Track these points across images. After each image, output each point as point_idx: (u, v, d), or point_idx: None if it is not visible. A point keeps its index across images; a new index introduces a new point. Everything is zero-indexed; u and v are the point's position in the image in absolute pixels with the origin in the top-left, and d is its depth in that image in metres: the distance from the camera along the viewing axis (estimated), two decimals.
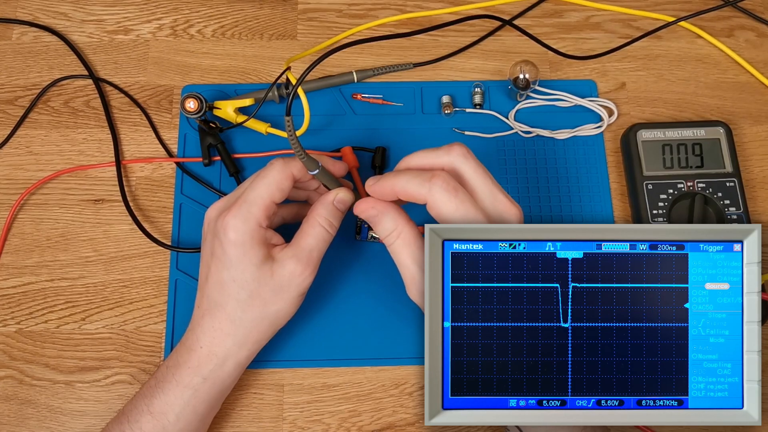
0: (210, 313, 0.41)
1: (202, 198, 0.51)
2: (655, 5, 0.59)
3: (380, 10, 0.58)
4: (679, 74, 0.56)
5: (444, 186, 0.37)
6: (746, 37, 0.58)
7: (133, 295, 0.48)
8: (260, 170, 0.41)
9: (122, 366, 0.47)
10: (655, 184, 0.49)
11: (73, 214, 0.51)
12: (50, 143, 0.53)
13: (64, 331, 0.47)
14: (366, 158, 0.52)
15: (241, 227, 0.39)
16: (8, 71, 0.55)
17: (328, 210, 0.42)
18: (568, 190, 0.52)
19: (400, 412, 0.46)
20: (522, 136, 0.53)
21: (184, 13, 0.58)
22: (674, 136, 0.51)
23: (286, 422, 0.46)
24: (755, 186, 0.52)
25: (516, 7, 0.59)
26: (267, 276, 0.40)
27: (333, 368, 0.47)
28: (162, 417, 0.39)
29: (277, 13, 0.58)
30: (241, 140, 0.53)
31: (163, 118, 0.54)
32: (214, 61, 0.56)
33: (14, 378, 0.46)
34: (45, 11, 0.57)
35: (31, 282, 0.49)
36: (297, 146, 0.38)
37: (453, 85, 0.55)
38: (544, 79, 0.55)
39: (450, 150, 0.39)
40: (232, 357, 0.41)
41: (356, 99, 0.54)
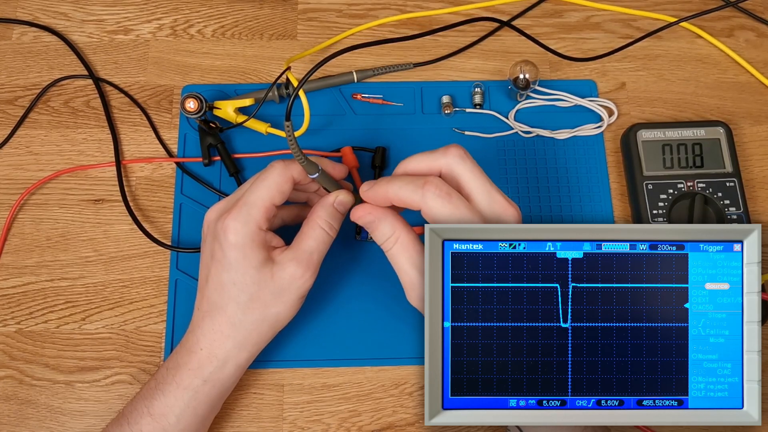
0: (210, 316, 0.40)
1: (202, 198, 0.51)
2: (655, 5, 0.59)
3: (380, 10, 0.58)
4: (679, 74, 0.56)
5: (437, 192, 0.36)
6: (746, 37, 0.58)
7: (133, 295, 0.48)
8: (260, 172, 0.41)
9: (122, 366, 0.47)
10: (655, 184, 0.49)
11: (73, 214, 0.51)
12: (50, 143, 0.53)
13: (64, 331, 0.47)
14: (366, 158, 0.52)
15: (241, 230, 0.39)
16: (8, 71, 0.55)
17: (328, 212, 0.42)
18: (568, 190, 0.52)
19: (400, 412, 0.46)
20: (522, 136, 0.53)
21: (184, 13, 0.58)
22: (674, 136, 0.51)
23: (286, 422, 0.46)
24: (755, 186, 0.52)
25: (516, 7, 0.59)
26: (267, 278, 0.40)
27: (333, 368, 0.47)
28: (162, 419, 0.39)
29: (277, 13, 0.58)
30: (241, 140, 0.53)
31: (163, 118, 0.54)
32: (214, 61, 0.56)
33: (14, 378, 0.46)
34: (45, 11, 0.57)
35: (31, 282, 0.49)
36: (297, 150, 0.38)
37: (453, 85, 0.55)
38: (544, 79, 0.55)
39: (446, 152, 0.38)
40: (233, 359, 0.41)
41: (356, 99, 0.54)
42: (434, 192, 0.36)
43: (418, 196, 0.37)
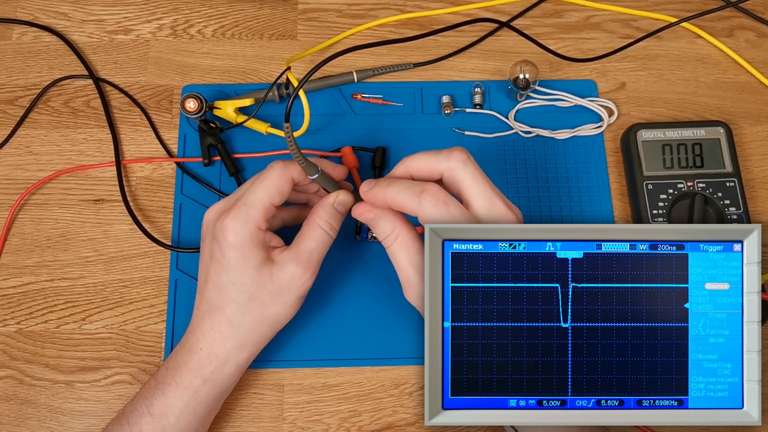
0: (209, 316, 0.40)
1: (202, 198, 0.51)
2: (655, 5, 0.59)
3: (380, 10, 0.58)
4: (679, 74, 0.56)
5: (433, 201, 0.36)
6: (746, 37, 0.58)
7: (133, 295, 0.48)
8: (260, 173, 0.41)
9: (122, 366, 0.47)
10: (655, 184, 0.49)
11: (73, 214, 0.51)
12: (50, 143, 0.53)
13: (64, 331, 0.48)
14: (366, 158, 0.52)
15: (240, 230, 0.39)
16: (8, 71, 0.55)
17: (328, 212, 0.42)
18: (568, 190, 0.52)
19: (400, 412, 0.46)
20: (522, 136, 0.53)
21: (184, 13, 0.58)
22: (674, 136, 0.51)
23: (286, 422, 0.46)
24: (755, 186, 0.52)
25: (516, 7, 0.59)
26: (266, 279, 0.40)
27: (333, 368, 0.47)
28: (162, 418, 0.39)
29: (277, 13, 0.58)
30: (241, 140, 0.53)
31: (163, 118, 0.54)
32: (214, 61, 0.56)
33: (14, 378, 0.46)
34: (45, 11, 0.57)
35: (31, 282, 0.49)
36: (296, 152, 0.38)
37: (453, 85, 0.55)
38: (544, 79, 0.55)
39: (450, 155, 0.38)
40: (232, 359, 0.41)
41: (356, 99, 0.54)
42: (431, 201, 0.37)
43: (415, 204, 0.37)
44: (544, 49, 0.54)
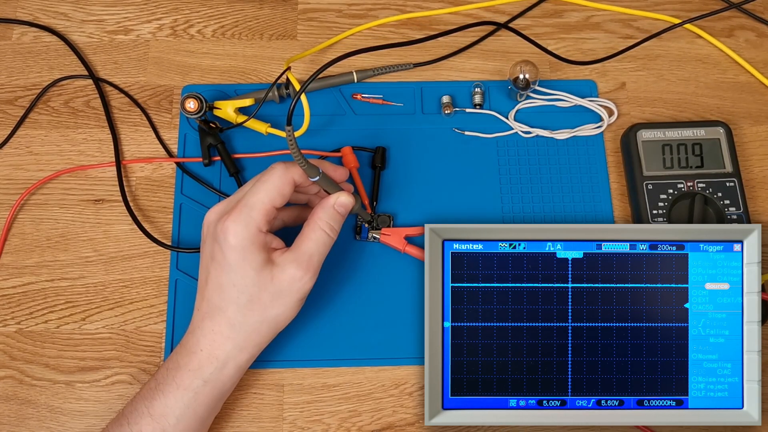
0: (210, 317, 0.40)
1: (202, 198, 0.51)
2: (655, 5, 0.59)
3: (380, 10, 0.58)
4: (679, 74, 0.56)
5: None
6: (746, 37, 0.58)
7: (133, 295, 0.48)
8: (261, 174, 0.41)
9: (122, 366, 0.47)
10: (655, 184, 0.49)
11: (73, 214, 0.51)
12: (50, 143, 0.53)
13: (64, 331, 0.47)
14: (366, 158, 0.52)
15: (241, 232, 0.39)
16: (8, 71, 0.55)
17: (329, 214, 0.42)
18: (568, 189, 0.52)
19: (400, 412, 0.46)
20: (522, 136, 0.53)
21: (184, 13, 0.58)
22: (674, 136, 0.51)
23: (286, 422, 0.46)
24: (755, 186, 0.52)
25: (516, 7, 0.59)
26: (267, 280, 0.40)
27: (333, 368, 0.47)
28: (162, 419, 0.39)
29: (277, 13, 0.58)
30: (241, 140, 0.53)
31: (163, 118, 0.54)
32: (214, 61, 0.56)
33: (14, 378, 0.46)
34: (45, 11, 0.57)
35: (31, 282, 0.49)
36: (297, 154, 0.38)
37: (453, 85, 0.55)
38: (544, 79, 0.55)
39: None
40: (233, 360, 0.41)
41: (356, 99, 0.54)
42: None
43: None
44: (543, 50, 0.54)
